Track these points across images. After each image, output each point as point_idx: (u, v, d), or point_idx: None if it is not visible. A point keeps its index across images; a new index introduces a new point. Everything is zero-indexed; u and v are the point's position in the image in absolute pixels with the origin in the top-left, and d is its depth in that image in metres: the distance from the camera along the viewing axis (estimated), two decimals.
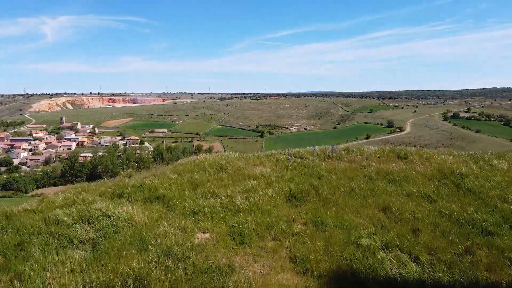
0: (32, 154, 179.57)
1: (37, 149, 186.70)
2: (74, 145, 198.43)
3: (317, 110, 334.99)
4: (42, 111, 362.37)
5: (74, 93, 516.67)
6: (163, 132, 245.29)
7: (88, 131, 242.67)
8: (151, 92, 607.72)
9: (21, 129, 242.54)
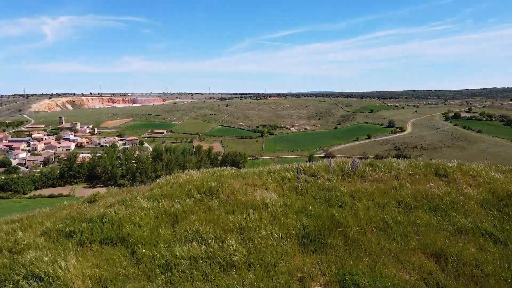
0: (31, 154, 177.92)
1: (35, 150, 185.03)
2: (73, 145, 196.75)
3: (318, 110, 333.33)
4: (42, 111, 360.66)
5: (74, 93, 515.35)
6: (162, 132, 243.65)
7: (88, 131, 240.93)
8: (151, 92, 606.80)
9: (20, 129, 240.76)
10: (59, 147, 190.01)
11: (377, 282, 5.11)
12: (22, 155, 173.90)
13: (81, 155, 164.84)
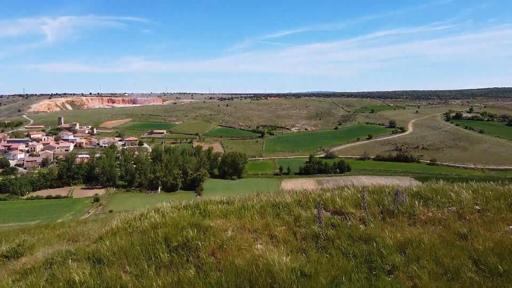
0: (29, 155, 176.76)
1: (34, 150, 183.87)
2: (72, 146, 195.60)
3: (318, 110, 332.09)
4: (41, 111, 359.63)
5: (74, 94, 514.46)
6: (162, 132, 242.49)
7: (87, 132, 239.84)
8: (151, 93, 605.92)
9: (19, 130, 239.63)
10: (57, 147, 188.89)
11: None
12: (21, 155, 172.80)
13: (79, 155, 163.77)
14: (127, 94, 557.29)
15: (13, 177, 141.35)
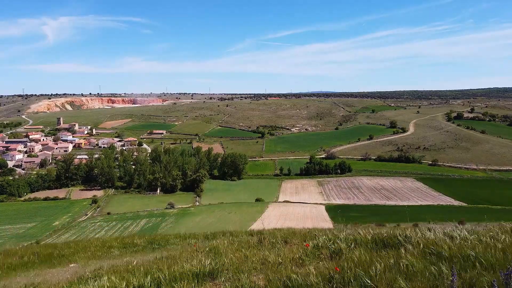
0: (28, 156, 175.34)
1: (32, 151, 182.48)
2: (70, 146, 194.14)
3: (319, 110, 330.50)
4: (41, 112, 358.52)
5: (74, 94, 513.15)
6: (162, 133, 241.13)
7: (86, 132, 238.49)
8: (151, 93, 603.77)
9: (17, 130, 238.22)
10: (56, 148, 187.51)
11: None
12: (19, 156, 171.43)
13: (78, 156, 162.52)
14: (127, 95, 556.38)
15: (11, 178, 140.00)
